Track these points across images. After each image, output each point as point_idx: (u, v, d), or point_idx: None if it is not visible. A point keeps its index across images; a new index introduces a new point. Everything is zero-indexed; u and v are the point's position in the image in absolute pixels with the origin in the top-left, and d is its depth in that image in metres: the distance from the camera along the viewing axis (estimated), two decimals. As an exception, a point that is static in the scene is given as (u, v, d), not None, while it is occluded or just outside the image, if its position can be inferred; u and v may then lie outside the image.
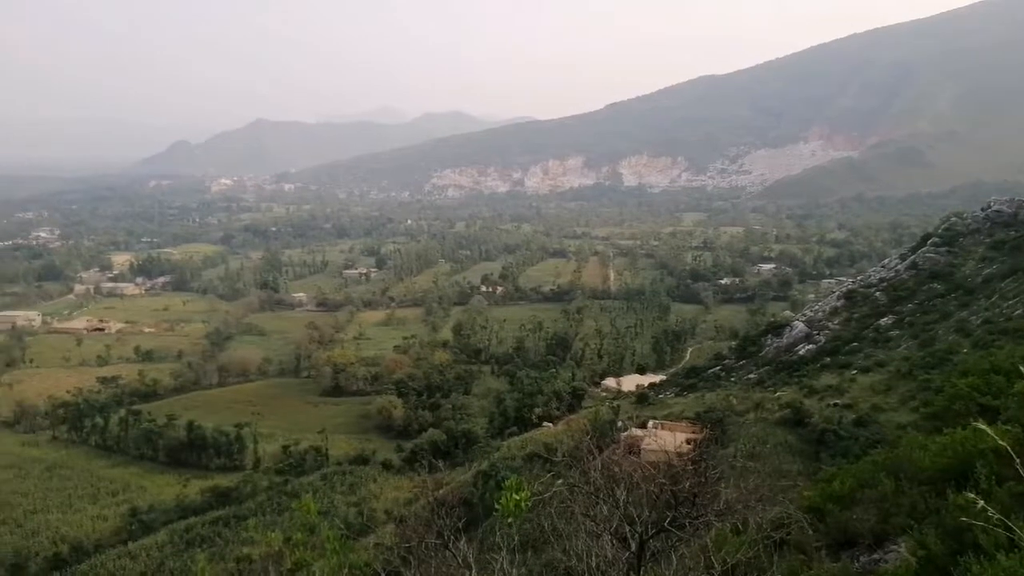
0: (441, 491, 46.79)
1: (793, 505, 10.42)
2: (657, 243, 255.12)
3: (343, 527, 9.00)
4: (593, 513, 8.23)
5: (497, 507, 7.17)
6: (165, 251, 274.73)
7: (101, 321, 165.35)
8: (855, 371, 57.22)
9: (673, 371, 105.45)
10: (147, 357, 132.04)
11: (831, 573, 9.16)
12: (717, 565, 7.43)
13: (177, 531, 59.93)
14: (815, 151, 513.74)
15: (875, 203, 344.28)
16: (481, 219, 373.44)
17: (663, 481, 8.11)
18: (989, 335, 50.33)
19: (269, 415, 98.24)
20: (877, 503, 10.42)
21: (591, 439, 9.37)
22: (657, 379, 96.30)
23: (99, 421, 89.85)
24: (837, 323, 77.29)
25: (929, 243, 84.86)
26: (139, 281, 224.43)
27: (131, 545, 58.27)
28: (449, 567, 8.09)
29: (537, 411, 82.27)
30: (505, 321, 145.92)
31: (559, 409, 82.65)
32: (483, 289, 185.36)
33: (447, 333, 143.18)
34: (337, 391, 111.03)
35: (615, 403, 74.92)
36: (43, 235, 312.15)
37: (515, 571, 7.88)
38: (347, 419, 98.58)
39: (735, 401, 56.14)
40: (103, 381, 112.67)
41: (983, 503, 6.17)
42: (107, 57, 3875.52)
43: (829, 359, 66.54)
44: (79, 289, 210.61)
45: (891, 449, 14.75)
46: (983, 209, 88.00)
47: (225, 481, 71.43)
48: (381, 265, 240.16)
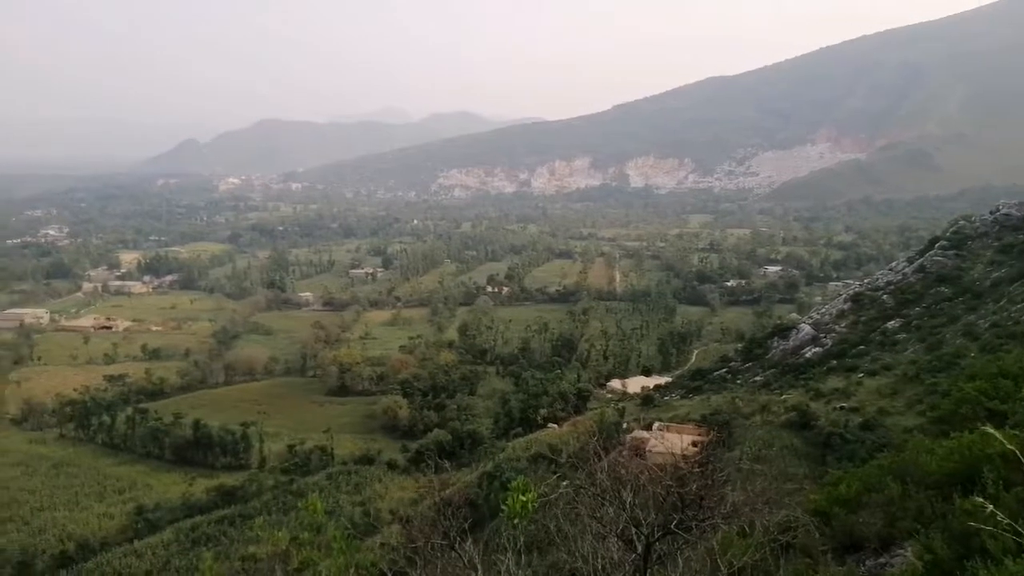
0: (446, 492, 46.81)
1: (799, 509, 10.40)
2: (663, 244, 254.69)
3: (349, 527, 9.01)
4: (599, 515, 8.23)
5: (504, 508, 7.18)
6: (173, 250, 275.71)
7: (109, 319, 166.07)
8: (862, 374, 57.06)
9: (679, 373, 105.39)
10: (154, 355, 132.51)
11: (837, 577, 9.14)
12: (723, 568, 7.43)
13: (183, 530, 60.11)
14: (823, 153, 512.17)
15: (883, 206, 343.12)
16: (487, 219, 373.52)
17: (670, 483, 8.10)
18: (997, 339, 50.11)
19: (275, 414, 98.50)
20: (883, 507, 10.39)
21: (598, 441, 9.38)
22: (663, 381, 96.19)
23: (106, 419, 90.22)
24: (844, 326, 77.06)
25: (937, 246, 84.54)
26: (147, 279, 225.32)
27: (137, 543, 58.45)
28: (455, 568, 8.10)
29: (542, 412, 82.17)
30: (511, 322, 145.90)
31: (564, 410, 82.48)
32: (489, 289, 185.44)
33: (453, 333, 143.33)
34: (343, 391, 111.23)
35: (620, 405, 74.91)
36: (52, 233, 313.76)
37: (521, 572, 7.90)
38: (353, 419, 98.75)
39: (741, 404, 56.06)
40: (110, 379, 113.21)
41: (991, 508, 6.15)
42: (115, 57, 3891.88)
43: (836, 362, 66.34)
44: (87, 287, 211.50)
45: (897, 453, 14.70)
46: (992, 212, 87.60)
47: (231, 480, 71.65)
48: (387, 265, 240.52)
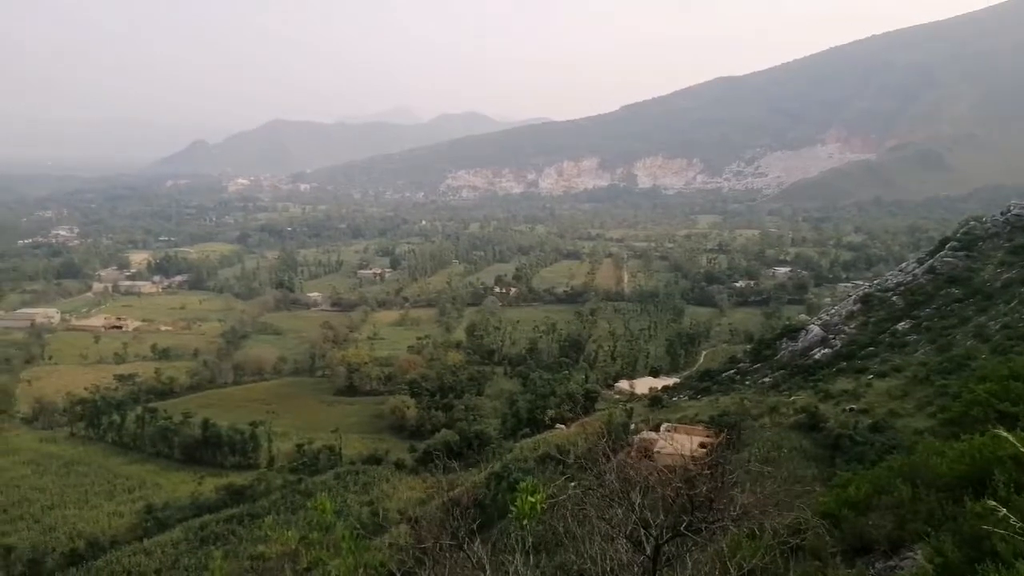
0: (454, 492, 46.90)
1: (809, 511, 10.37)
2: (672, 245, 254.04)
3: (358, 527, 9.04)
4: (608, 516, 8.23)
5: (512, 509, 7.19)
6: (182, 250, 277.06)
7: (119, 319, 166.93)
8: (871, 376, 56.81)
9: (687, 374, 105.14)
10: (163, 355, 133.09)
11: (846, 579, 9.11)
12: (733, 570, 7.41)
13: (192, 528, 60.35)
14: (832, 153, 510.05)
15: (893, 206, 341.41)
16: (495, 220, 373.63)
17: (679, 485, 8.09)
18: (1008, 340, 49.85)
19: (283, 414, 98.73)
20: (893, 509, 10.34)
21: (606, 442, 9.37)
22: (671, 382, 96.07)
23: (116, 418, 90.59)
24: (853, 327, 76.73)
25: (947, 247, 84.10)
26: (156, 280, 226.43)
27: (146, 542, 58.73)
28: (464, 568, 8.11)
29: (550, 413, 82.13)
30: (518, 322, 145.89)
31: (572, 411, 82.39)
32: (497, 290, 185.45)
33: (460, 334, 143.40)
34: (351, 391, 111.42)
35: (628, 406, 74.78)
36: (62, 233, 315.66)
37: (529, 573, 7.90)
38: (360, 419, 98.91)
39: (749, 405, 55.94)
40: (120, 379, 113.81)
41: (1003, 511, 6.13)
42: (125, 60, 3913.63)
43: (845, 363, 66.10)
44: (97, 287, 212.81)
45: (908, 455, 14.63)
46: (1003, 213, 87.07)
47: (240, 479, 71.87)
48: (395, 265, 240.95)
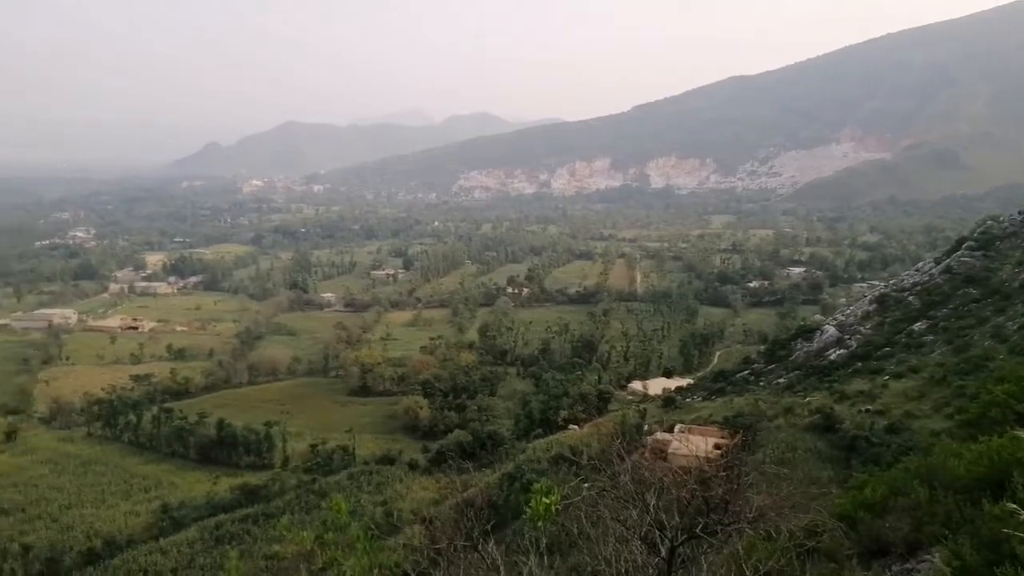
0: (468, 492, 46.96)
1: (826, 513, 10.30)
2: (685, 245, 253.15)
3: (373, 527, 9.08)
4: (623, 518, 8.21)
5: (527, 509, 7.20)
6: (197, 251, 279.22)
7: (135, 320, 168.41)
8: (887, 376, 56.40)
9: (701, 375, 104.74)
10: (179, 355, 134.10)
11: (863, 582, 9.05)
12: (748, 573, 7.37)
13: (207, 528, 60.75)
14: (847, 153, 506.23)
15: (908, 206, 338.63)
16: (507, 221, 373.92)
17: (694, 487, 8.06)
18: (1027, 341, 49.27)
19: (298, 414, 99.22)
20: (910, 511, 10.26)
21: (621, 443, 9.36)
22: (684, 383, 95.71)
23: (132, 418, 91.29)
24: (869, 327, 76.18)
25: (964, 247, 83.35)
26: (172, 280, 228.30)
27: (162, 541, 59.19)
28: (478, 569, 8.12)
29: (563, 413, 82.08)
30: (531, 323, 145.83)
31: (585, 412, 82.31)
32: (509, 290, 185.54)
33: (473, 334, 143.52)
34: (364, 391, 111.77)
35: (642, 406, 74.60)
36: (79, 235, 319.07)
37: (543, 575, 7.90)
38: (374, 419, 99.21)
39: (764, 406, 55.65)
40: (136, 379, 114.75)
41: (1023, 513, 6.07)
42: (141, 63, 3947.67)
43: (861, 364, 65.68)
44: (114, 288, 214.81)
45: (924, 456, 14.51)
46: (1020, 212, 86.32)
47: (254, 479, 72.29)
48: (408, 266, 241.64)
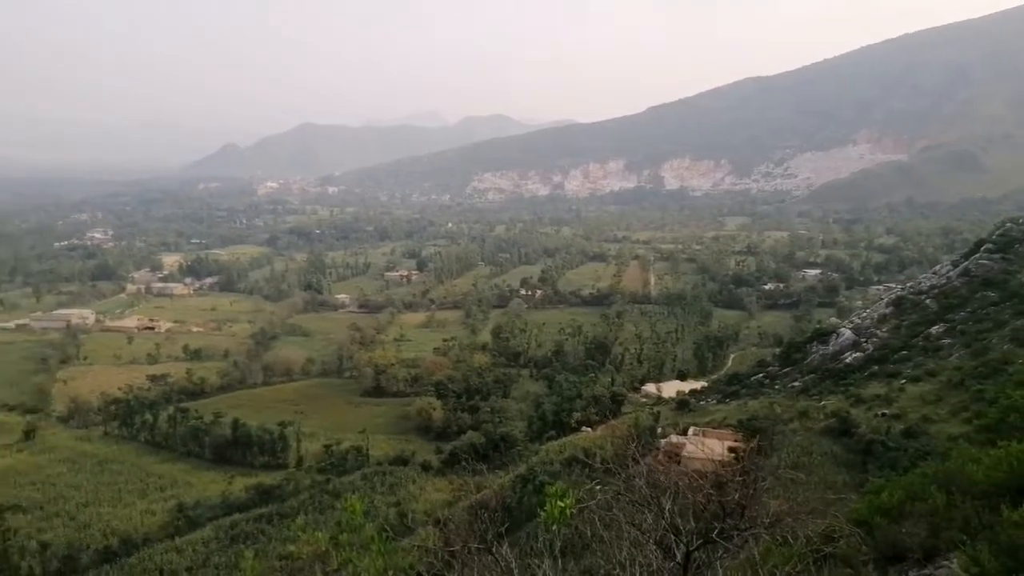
0: (481, 494, 46.97)
1: (843, 518, 10.24)
2: (699, 247, 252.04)
3: (388, 529, 9.14)
4: (638, 521, 8.20)
5: (541, 512, 7.21)
6: (213, 252, 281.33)
7: (151, 320, 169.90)
8: (904, 380, 55.95)
9: (715, 378, 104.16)
10: (195, 356, 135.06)
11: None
12: (764, 578, 7.34)
13: (222, 527, 61.19)
14: (863, 154, 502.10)
15: (926, 208, 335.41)
16: (521, 222, 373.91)
17: (711, 492, 8.03)
18: (1046, 345, 48.71)
19: (312, 414, 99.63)
20: (927, 517, 10.19)
21: (636, 446, 9.34)
22: (698, 385, 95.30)
23: (148, 418, 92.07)
24: (886, 331, 75.54)
25: (983, 249, 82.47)
26: (188, 281, 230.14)
27: (178, 540, 59.72)
28: (492, 572, 8.13)
29: (576, 416, 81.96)
30: (544, 324, 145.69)
31: (598, 414, 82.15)
32: (522, 292, 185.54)
33: (486, 336, 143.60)
34: (378, 392, 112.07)
35: (655, 409, 74.39)
36: (97, 236, 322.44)
37: (557, 578, 7.90)
38: (387, 420, 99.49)
39: (779, 409, 55.33)
40: (153, 379, 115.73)
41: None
42: (158, 67, 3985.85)
43: (877, 368, 65.16)
44: (131, 289, 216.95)
45: (942, 461, 14.40)
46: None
47: (269, 479, 72.72)
48: (422, 267, 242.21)
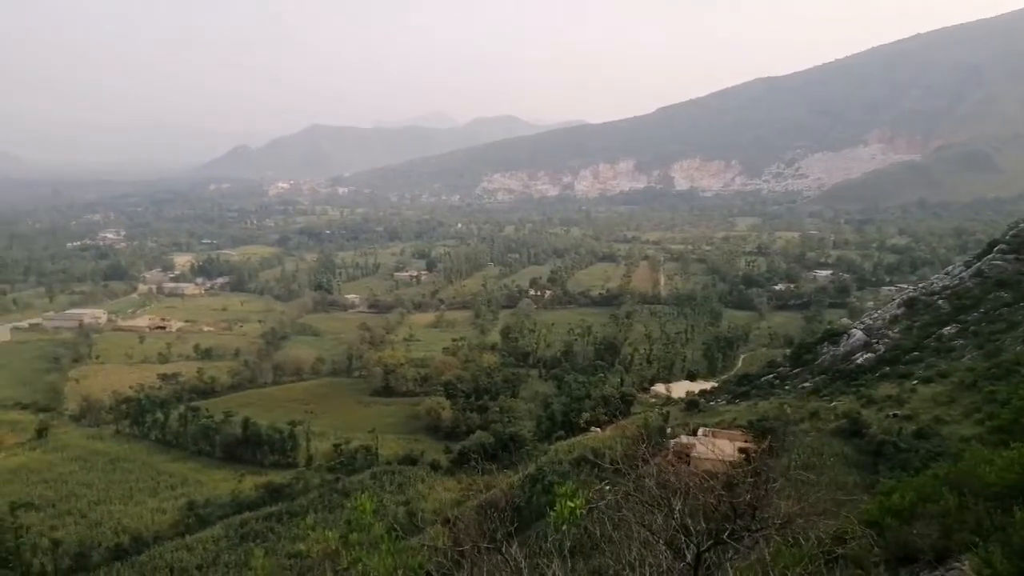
0: (490, 494, 46.99)
1: (854, 519, 10.19)
2: (709, 248, 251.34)
3: (397, 528, 9.15)
4: (647, 522, 8.18)
5: (551, 512, 7.21)
6: (224, 252, 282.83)
7: (163, 320, 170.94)
8: (916, 381, 55.60)
9: (725, 378, 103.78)
10: (206, 355, 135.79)
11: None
12: (774, 578, 7.31)
13: (232, 525, 61.51)
14: (875, 155, 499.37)
15: (938, 208, 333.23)
16: (530, 223, 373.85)
17: (722, 492, 8.00)
18: (1060, 347, 48.29)
19: (321, 414, 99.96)
20: (939, 518, 10.13)
21: (646, 447, 9.32)
22: (708, 386, 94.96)
23: (159, 417, 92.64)
24: (897, 331, 75.08)
25: (996, 250, 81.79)
26: (199, 281, 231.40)
27: (188, 538, 60.09)
28: (501, 572, 8.14)
29: (585, 416, 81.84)
30: (553, 325, 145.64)
31: (607, 414, 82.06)
32: (531, 292, 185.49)
33: (495, 336, 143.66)
34: (387, 391, 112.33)
35: (665, 409, 74.16)
36: (109, 236, 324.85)
37: (567, 578, 7.89)
38: (396, 419, 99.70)
39: (789, 410, 55.09)
40: (164, 378, 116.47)
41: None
42: (166, 68, 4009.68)
43: (888, 368, 64.78)
44: (142, 288, 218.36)
45: (954, 463, 14.31)
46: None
47: (279, 478, 73.05)
48: (431, 268, 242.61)
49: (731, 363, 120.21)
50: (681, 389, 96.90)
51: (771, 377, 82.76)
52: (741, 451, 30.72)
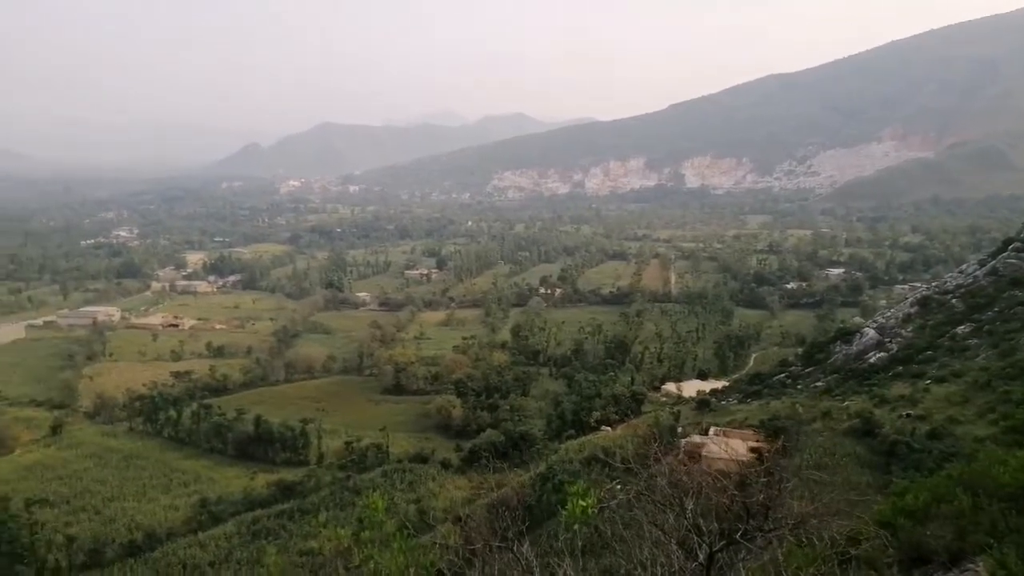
0: (500, 492, 47.04)
1: (868, 520, 10.14)
2: (720, 246, 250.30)
3: (409, 526, 9.17)
4: (659, 522, 8.17)
5: (563, 512, 7.22)
6: (236, 250, 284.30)
7: (176, 317, 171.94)
8: (929, 381, 55.24)
9: (736, 377, 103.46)
10: (218, 353, 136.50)
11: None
12: (787, 579, 7.29)
13: (244, 522, 61.93)
14: (888, 152, 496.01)
15: (952, 206, 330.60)
16: (541, 221, 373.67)
17: (734, 492, 7.98)
18: (1076, 346, 47.85)
19: (333, 411, 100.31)
20: (953, 519, 10.07)
21: (658, 446, 9.31)
22: (719, 385, 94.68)
23: (172, 414, 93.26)
24: (910, 330, 74.58)
25: (1011, 248, 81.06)
26: (211, 279, 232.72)
27: (201, 535, 60.54)
28: (512, 570, 8.16)
29: (595, 415, 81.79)
30: (563, 323, 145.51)
31: (618, 413, 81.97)
32: (542, 291, 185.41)
33: (506, 334, 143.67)
34: (398, 389, 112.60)
35: (676, 408, 74.01)
36: (123, 234, 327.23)
37: (578, 577, 7.90)
38: (407, 417, 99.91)
39: (801, 410, 54.88)
40: (176, 375, 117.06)
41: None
42: (178, 68, 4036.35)
43: (901, 368, 64.39)
44: (155, 286, 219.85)
45: (968, 463, 14.21)
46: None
47: (290, 475, 73.44)
48: (442, 266, 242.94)
49: (742, 362, 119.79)
50: (692, 388, 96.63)
51: (783, 376, 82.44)
52: (753, 451, 30.66)
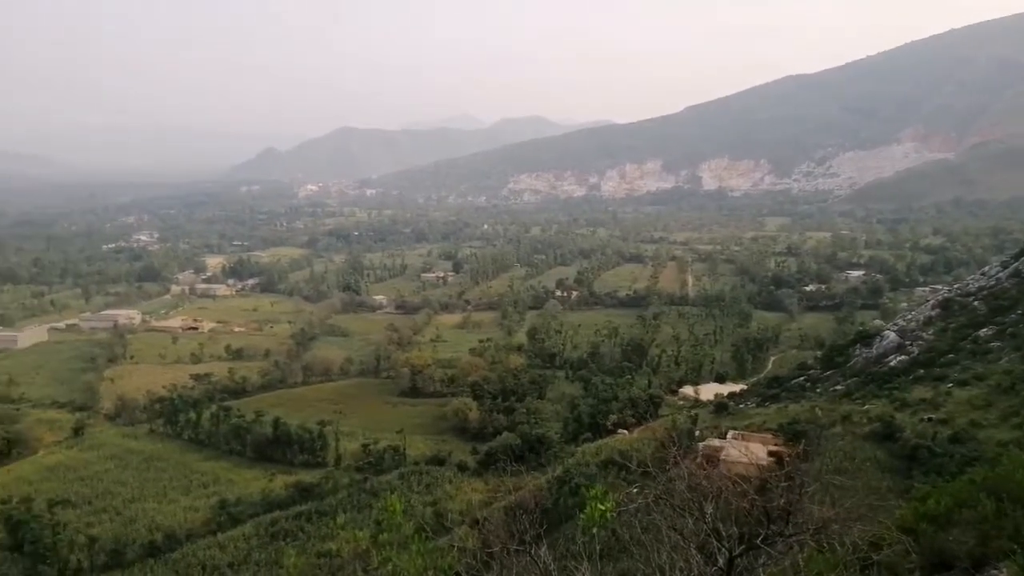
0: (517, 495, 47.02)
1: (890, 525, 10.04)
2: (738, 248, 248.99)
3: (427, 528, 9.21)
4: (679, 526, 8.14)
5: (581, 515, 7.21)
6: (255, 254, 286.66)
7: (195, 320, 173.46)
8: (951, 384, 54.62)
9: (754, 380, 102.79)
10: (237, 355, 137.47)
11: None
12: (808, 584, 7.24)
13: (263, 524, 62.36)
14: (908, 153, 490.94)
15: (974, 207, 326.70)
16: (557, 224, 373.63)
17: (754, 497, 7.94)
18: (1102, 349, 47.11)
19: (350, 414, 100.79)
20: (976, 525, 9.95)
21: (676, 450, 9.28)
22: (737, 388, 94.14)
23: (192, 416, 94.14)
24: (931, 333, 73.77)
25: (1034, 250, 80.00)
26: (230, 283, 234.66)
27: (220, 536, 61.06)
28: (530, 573, 8.16)
29: (612, 418, 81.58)
30: (580, 326, 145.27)
31: (635, 416, 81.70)
32: (558, 293, 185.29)
33: (522, 337, 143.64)
34: (415, 392, 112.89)
35: (693, 412, 73.68)
36: (143, 238, 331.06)
37: (596, 580, 7.89)
38: (424, 420, 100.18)
39: (821, 413, 54.47)
40: (196, 378, 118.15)
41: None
42: (194, 73, 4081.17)
43: (923, 371, 63.69)
44: (175, 290, 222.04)
45: (991, 468, 14.03)
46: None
47: (308, 477, 73.86)
48: (458, 269, 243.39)
49: (761, 365, 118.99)
50: (710, 391, 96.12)
51: (802, 379, 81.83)
52: (772, 455, 30.44)
